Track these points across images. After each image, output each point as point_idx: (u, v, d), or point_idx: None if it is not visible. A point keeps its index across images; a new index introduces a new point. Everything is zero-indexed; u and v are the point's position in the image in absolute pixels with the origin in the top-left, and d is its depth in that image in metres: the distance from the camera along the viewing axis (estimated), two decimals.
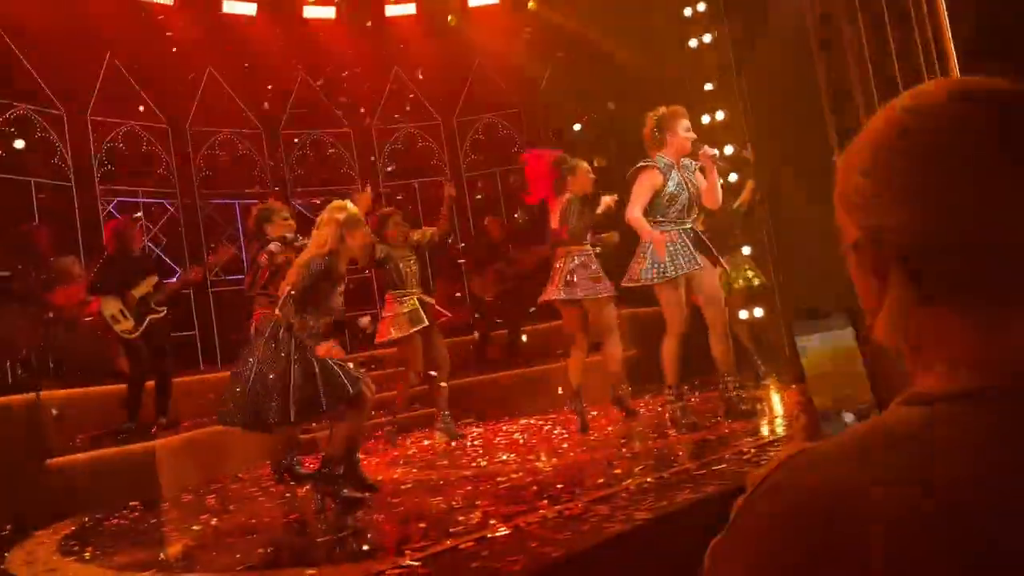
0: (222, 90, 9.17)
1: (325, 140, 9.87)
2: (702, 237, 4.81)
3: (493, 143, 10.33)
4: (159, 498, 5.21)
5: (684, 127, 4.73)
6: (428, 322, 5.73)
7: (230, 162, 9.24)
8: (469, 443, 5.71)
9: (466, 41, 9.85)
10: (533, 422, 6.43)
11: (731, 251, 6.62)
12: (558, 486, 3.49)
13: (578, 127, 9.97)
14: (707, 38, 8.55)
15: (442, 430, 5.86)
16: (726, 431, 4.38)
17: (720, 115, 8.44)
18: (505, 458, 4.74)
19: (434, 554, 2.62)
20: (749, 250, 8.32)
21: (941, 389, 0.67)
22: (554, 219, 5.48)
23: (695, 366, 5.00)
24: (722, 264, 4.88)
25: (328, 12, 9.47)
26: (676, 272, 4.58)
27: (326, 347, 3.84)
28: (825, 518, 0.64)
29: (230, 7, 8.87)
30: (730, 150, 8.37)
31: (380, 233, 5.72)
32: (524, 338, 8.35)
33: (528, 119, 10.22)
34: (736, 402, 4.72)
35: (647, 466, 3.60)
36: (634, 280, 4.74)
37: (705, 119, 8.48)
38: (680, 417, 4.63)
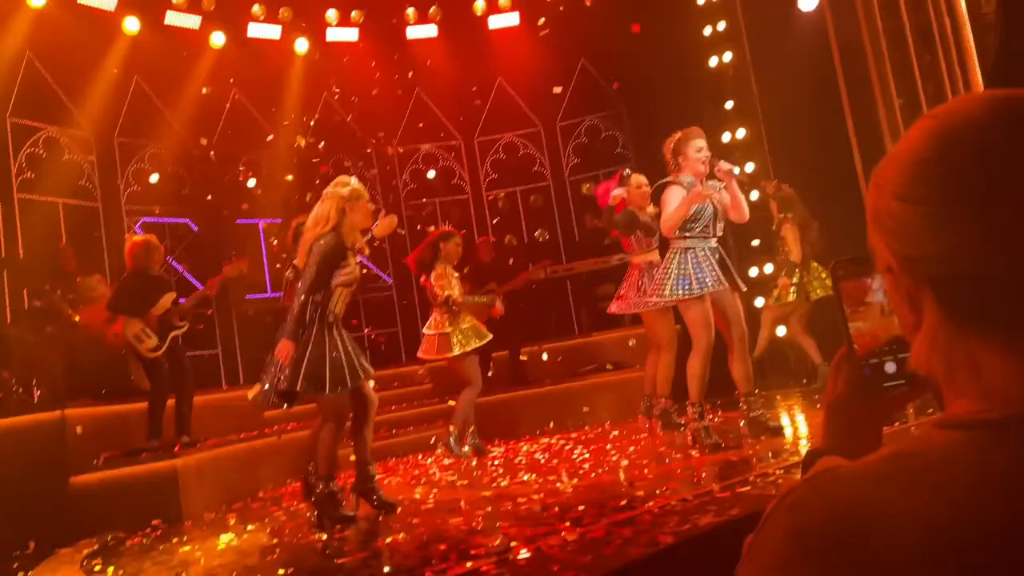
0: (248, 113, 9.29)
1: (350, 164, 9.90)
2: (725, 258, 4.79)
3: (513, 162, 10.37)
4: (181, 517, 5.22)
5: (695, 148, 4.71)
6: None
7: (258, 183, 9.33)
8: (489, 463, 5.68)
9: (486, 61, 9.92)
10: (553, 441, 6.40)
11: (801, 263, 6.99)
12: (580, 508, 3.45)
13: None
14: (727, 56, 8.55)
15: (475, 446, 6.08)
16: (750, 452, 4.32)
17: (741, 133, 8.42)
18: (526, 478, 4.71)
19: None
20: (772, 268, 8.29)
21: (977, 416, 0.65)
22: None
23: (717, 386, 4.94)
24: (740, 286, 4.82)
25: (351, 34, 9.58)
26: (702, 289, 4.55)
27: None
28: (848, 537, 0.62)
29: (255, 30, 9.01)
30: (751, 167, 8.35)
31: (439, 249, 5.94)
32: (544, 355, 8.32)
33: (548, 137, 10.25)
34: (762, 421, 4.67)
35: (670, 488, 3.56)
36: (657, 295, 4.72)
37: (726, 137, 8.47)
38: (703, 436, 4.57)
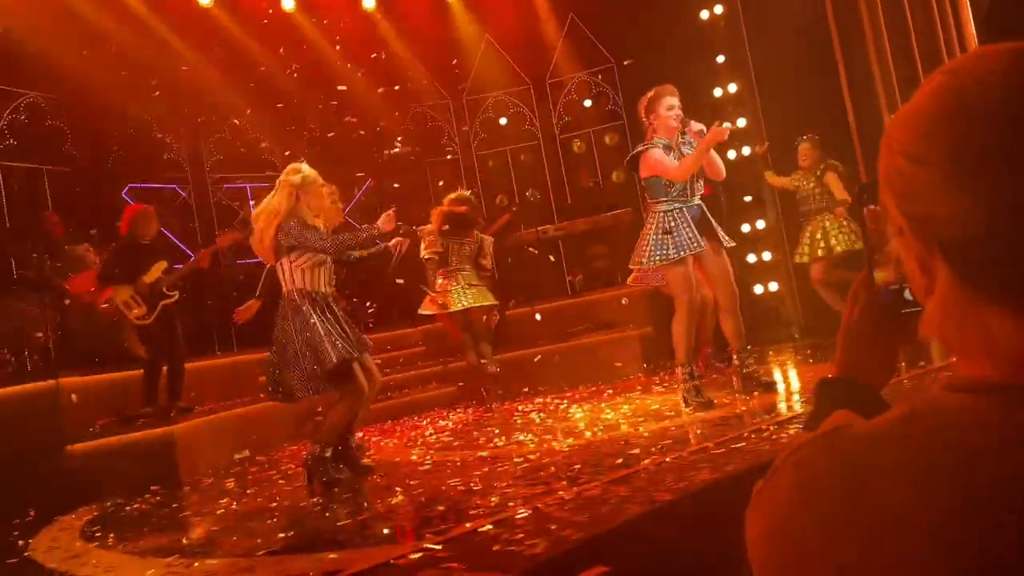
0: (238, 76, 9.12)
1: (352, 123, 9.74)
2: (708, 216, 4.72)
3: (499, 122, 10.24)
4: (179, 482, 5.25)
5: (666, 106, 4.63)
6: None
7: (245, 148, 9.20)
8: (486, 424, 5.72)
9: (475, 20, 9.74)
10: (548, 401, 6.44)
11: (819, 214, 6.74)
12: (576, 467, 3.48)
13: (588, 103, 9.89)
14: (718, 9, 8.42)
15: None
16: (743, 408, 4.36)
17: (732, 88, 8.34)
18: (522, 438, 4.74)
19: (454, 537, 2.62)
20: (764, 224, 8.29)
21: (995, 380, 0.64)
22: None
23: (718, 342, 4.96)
24: (724, 243, 4.72)
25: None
26: (679, 253, 4.53)
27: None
28: (855, 497, 0.62)
29: None
30: (743, 123, 8.29)
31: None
32: (536, 315, 8.33)
33: (538, 95, 10.12)
34: (755, 376, 4.69)
35: (665, 446, 3.58)
36: (638, 264, 4.70)
37: (717, 92, 8.39)
38: (693, 396, 4.61)
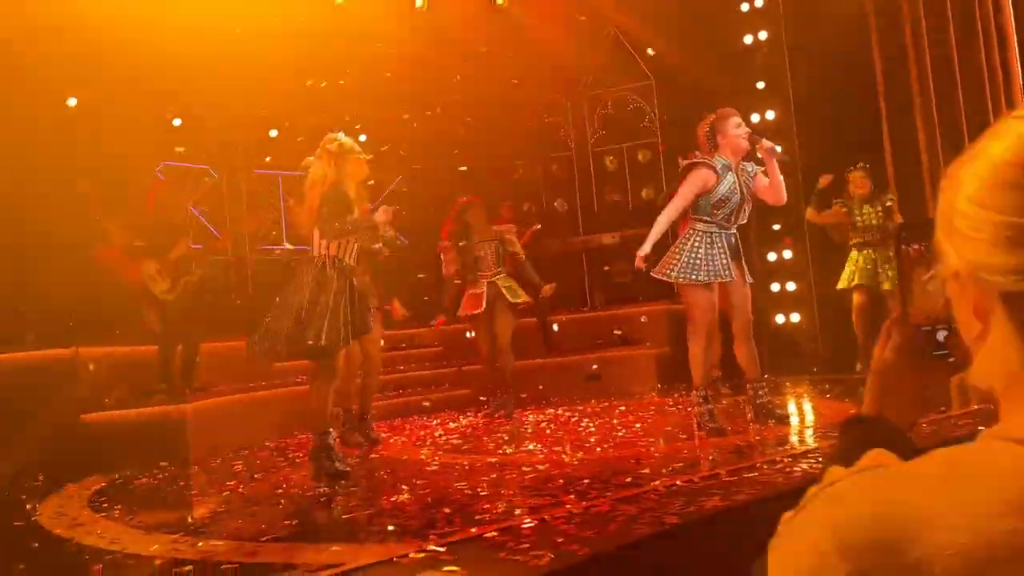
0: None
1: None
2: (739, 247, 4.67)
3: (544, 129, 10.26)
4: (188, 461, 5.28)
5: (735, 124, 4.61)
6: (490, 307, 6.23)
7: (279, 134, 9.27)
8: (496, 430, 5.72)
9: (516, 24, 9.76)
10: (559, 412, 6.42)
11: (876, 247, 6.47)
12: (584, 481, 3.46)
13: (624, 118, 9.86)
14: (763, 35, 8.39)
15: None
16: (757, 438, 4.32)
17: (770, 115, 8.30)
18: (531, 447, 4.73)
19: (458, 541, 2.61)
20: (791, 254, 8.23)
21: None
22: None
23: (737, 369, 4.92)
24: (747, 279, 4.67)
25: None
26: (708, 277, 4.49)
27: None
28: (889, 539, 0.60)
29: None
30: (778, 150, 8.23)
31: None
32: (554, 325, 8.32)
33: (574, 108, 10.12)
34: (769, 407, 4.64)
35: (676, 468, 3.56)
36: (663, 274, 4.64)
37: (755, 118, 8.34)
38: (706, 420, 4.58)
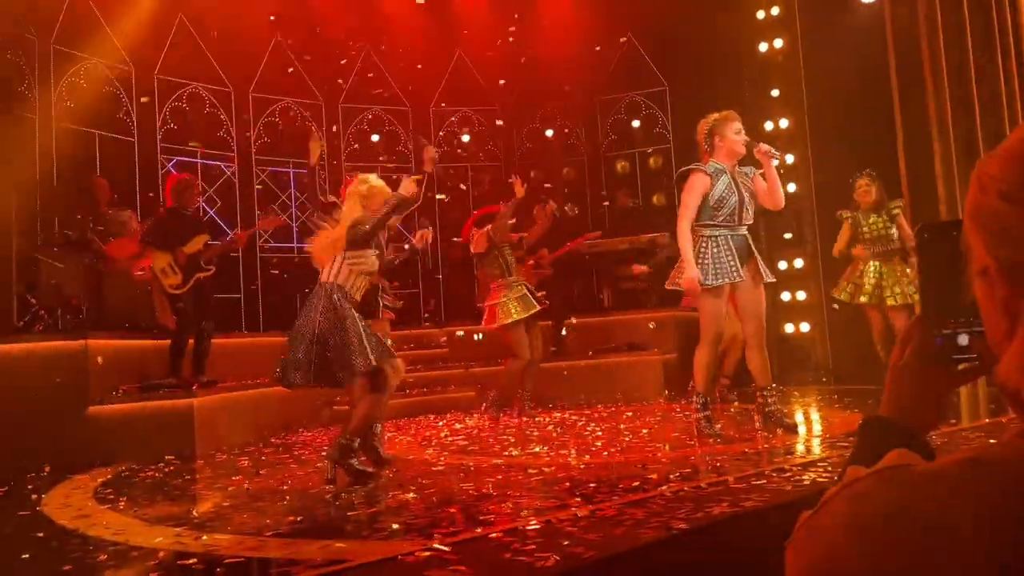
0: (288, 60, 9.25)
1: (384, 117, 9.90)
2: (751, 246, 4.65)
3: (553, 137, 10.26)
4: (193, 455, 5.29)
5: (734, 130, 4.60)
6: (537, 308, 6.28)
7: (289, 130, 9.31)
8: (502, 432, 5.71)
9: (531, 30, 9.78)
10: (567, 416, 6.40)
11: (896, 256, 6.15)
12: (591, 485, 3.44)
13: (636, 123, 9.86)
14: (778, 43, 8.37)
15: (523, 409, 6.43)
16: (765, 446, 4.29)
17: (784, 123, 8.27)
18: (537, 450, 4.71)
19: (464, 541, 2.60)
20: (802, 263, 8.19)
21: None
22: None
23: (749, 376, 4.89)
24: (765, 276, 4.62)
25: None
26: (718, 280, 4.47)
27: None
28: (909, 540, 0.60)
29: None
30: (791, 159, 8.21)
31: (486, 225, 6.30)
32: (564, 332, 8.31)
33: (585, 110, 10.11)
34: (778, 416, 4.62)
35: (683, 474, 3.53)
36: (675, 284, 4.66)
37: (768, 126, 8.32)
38: (704, 427, 4.57)
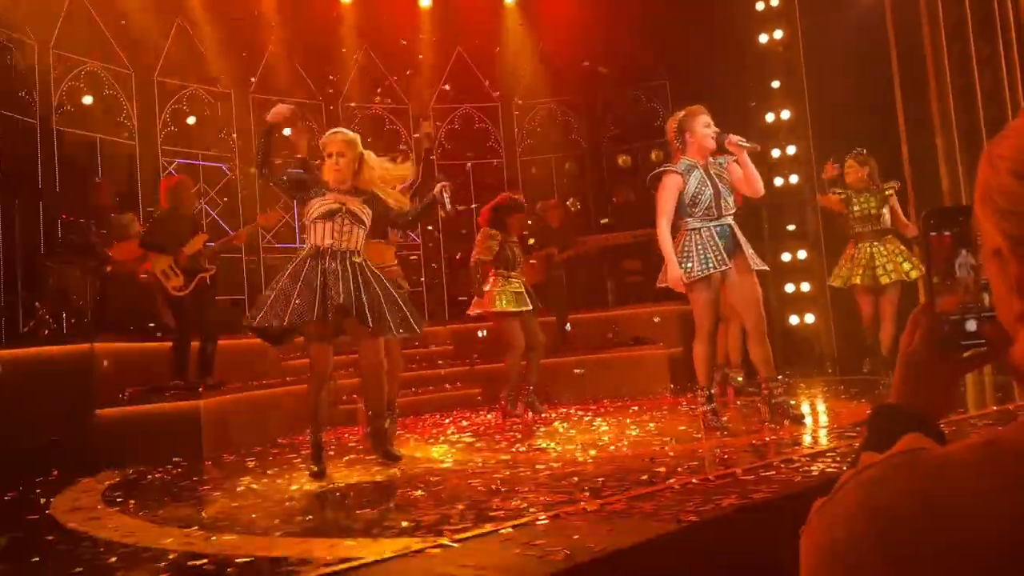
0: (286, 60, 9.25)
1: (384, 116, 9.90)
2: (737, 236, 4.63)
3: (549, 129, 10.25)
4: (201, 456, 5.30)
5: (703, 123, 4.62)
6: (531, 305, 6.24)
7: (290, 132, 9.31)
8: (508, 428, 5.71)
9: (531, 24, 9.78)
10: (572, 411, 6.40)
11: (877, 238, 6.05)
12: (599, 479, 3.44)
13: (637, 117, 9.84)
14: (778, 34, 8.35)
15: (529, 404, 6.34)
16: (772, 437, 4.29)
17: (786, 114, 8.25)
18: (544, 446, 4.71)
19: (473, 536, 2.60)
20: (805, 254, 8.17)
21: None
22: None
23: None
24: (754, 264, 4.59)
25: None
26: (703, 271, 4.48)
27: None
28: (924, 524, 0.60)
29: None
30: (792, 150, 8.20)
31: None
32: (568, 327, 8.30)
33: (587, 108, 10.11)
34: (785, 407, 4.62)
35: (691, 467, 3.53)
36: (664, 282, 4.68)
37: (770, 117, 8.31)
38: (711, 420, 4.57)
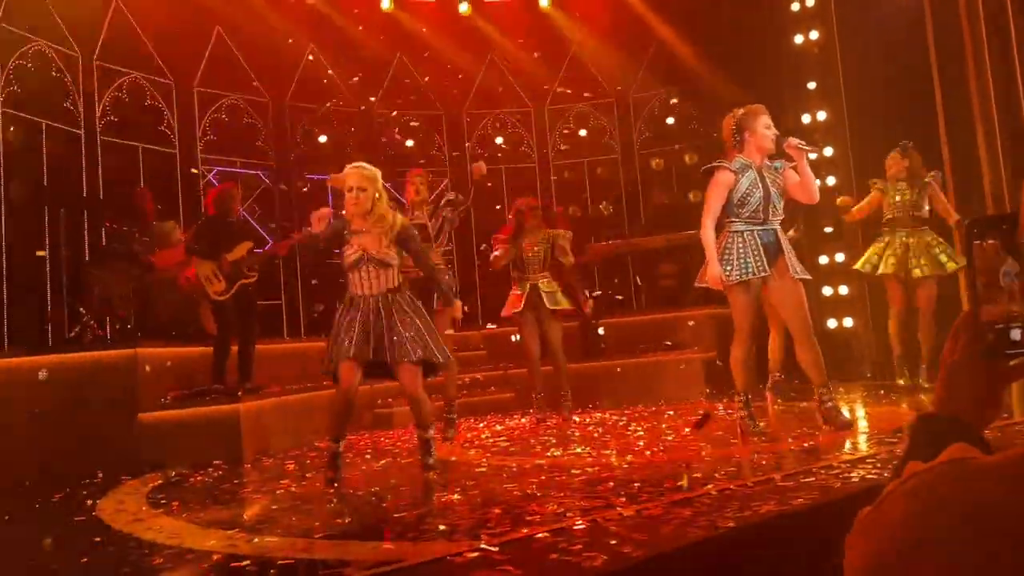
0: (323, 69, 9.38)
1: (416, 122, 9.96)
2: (782, 242, 4.55)
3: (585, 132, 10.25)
4: (241, 459, 5.38)
5: (764, 124, 4.54)
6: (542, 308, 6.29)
7: (326, 139, 9.43)
8: (543, 433, 5.71)
9: (563, 28, 9.80)
10: (606, 416, 6.39)
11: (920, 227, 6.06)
12: (635, 484, 3.43)
13: (671, 120, 9.81)
14: (814, 35, 8.26)
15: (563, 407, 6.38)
16: (811, 443, 4.24)
17: (822, 115, 8.16)
18: (580, 451, 4.71)
19: (511, 541, 2.61)
20: (843, 257, 8.06)
21: None
22: None
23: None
24: (796, 274, 4.50)
25: None
26: (741, 276, 4.42)
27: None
28: (971, 535, 0.59)
29: None
30: (830, 152, 8.09)
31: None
32: (600, 329, 8.29)
33: (620, 110, 10.09)
34: (835, 413, 4.53)
35: (729, 473, 3.51)
36: (703, 281, 4.63)
37: (806, 119, 8.21)
38: (748, 425, 4.53)
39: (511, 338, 8.16)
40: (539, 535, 2.65)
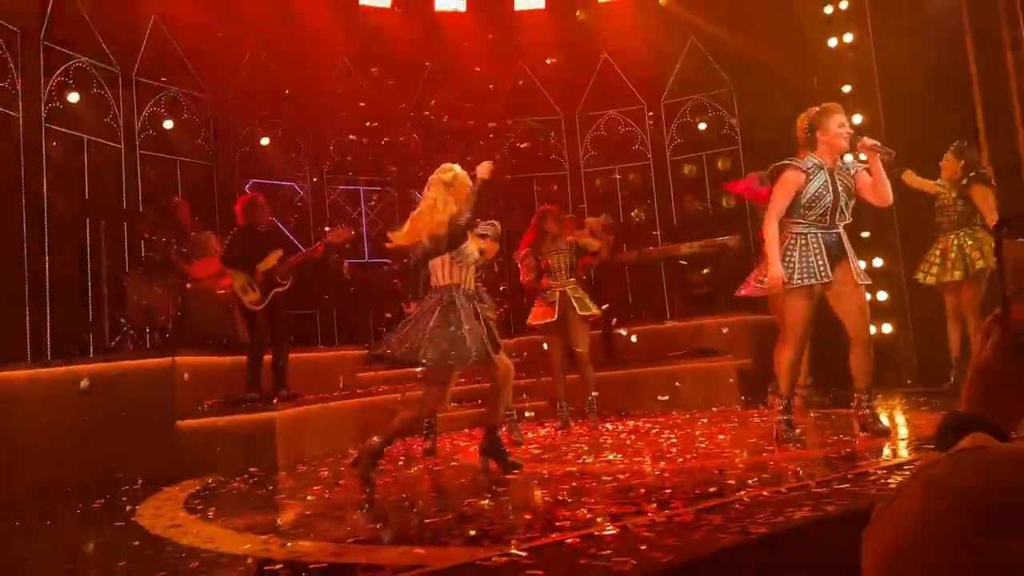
0: (355, 79, 9.50)
1: (460, 130, 9.95)
2: (845, 246, 4.45)
3: (613, 140, 10.23)
4: (276, 466, 5.45)
5: (837, 123, 4.41)
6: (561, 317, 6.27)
7: (359, 150, 9.54)
8: (575, 440, 5.70)
9: (594, 36, 9.81)
10: (639, 424, 6.34)
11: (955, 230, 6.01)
12: (667, 491, 3.40)
13: (703, 126, 9.75)
14: (848, 38, 8.16)
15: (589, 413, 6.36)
16: (847, 450, 4.16)
17: (858, 119, 8.04)
18: (611, 457, 4.69)
19: (540, 546, 2.61)
20: (881, 262, 7.93)
21: None
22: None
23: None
24: (859, 280, 4.42)
25: (458, 4, 9.63)
26: (800, 280, 4.35)
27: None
28: (990, 523, 0.59)
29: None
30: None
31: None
32: (632, 337, 8.24)
33: (653, 117, 10.06)
34: (873, 420, 4.43)
35: (762, 479, 3.47)
36: (759, 281, 4.57)
37: None
38: (783, 430, 4.45)
39: (543, 346, 8.16)
40: (569, 540, 2.64)
